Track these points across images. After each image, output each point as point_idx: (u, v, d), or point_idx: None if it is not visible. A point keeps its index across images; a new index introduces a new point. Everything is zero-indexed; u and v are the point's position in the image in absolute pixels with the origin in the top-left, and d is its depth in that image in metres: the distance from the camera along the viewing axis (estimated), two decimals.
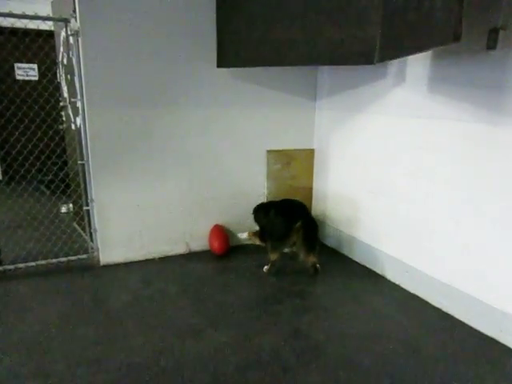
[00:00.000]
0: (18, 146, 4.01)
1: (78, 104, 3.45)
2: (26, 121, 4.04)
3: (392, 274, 3.43)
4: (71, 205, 5.00)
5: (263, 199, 4.09)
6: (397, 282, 3.37)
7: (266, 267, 3.54)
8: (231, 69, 3.69)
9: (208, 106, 3.74)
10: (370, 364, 2.37)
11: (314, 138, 4.21)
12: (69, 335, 2.64)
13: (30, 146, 4.15)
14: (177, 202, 3.78)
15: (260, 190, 4.10)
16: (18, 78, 6.36)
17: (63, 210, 5.13)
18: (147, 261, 3.72)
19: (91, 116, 3.39)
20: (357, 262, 3.76)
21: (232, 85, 3.77)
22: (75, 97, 3.47)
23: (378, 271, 3.55)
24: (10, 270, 3.49)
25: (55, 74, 4.86)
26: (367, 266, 3.67)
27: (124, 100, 3.46)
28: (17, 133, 4.13)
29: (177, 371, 2.29)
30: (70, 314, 2.90)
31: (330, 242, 4.15)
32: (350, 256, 3.86)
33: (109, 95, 3.41)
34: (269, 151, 4.05)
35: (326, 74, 3.99)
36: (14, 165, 4.29)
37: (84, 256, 3.66)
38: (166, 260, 3.75)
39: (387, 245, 3.46)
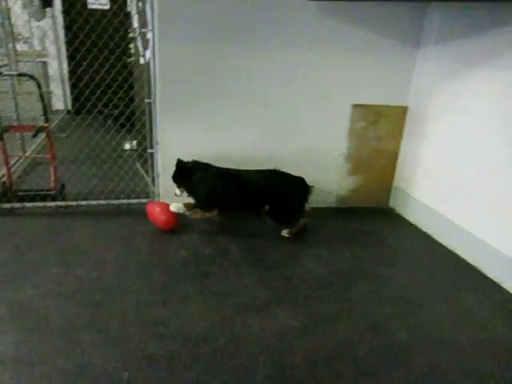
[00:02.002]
0: (85, 77, 3.78)
1: (149, 35, 3.11)
2: (94, 51, 3.79)
3: (491, 270, 2.82)
4: (134, 142, 4.83)
5: (341, 160, 3.64)
6: (498, 282, 2.75)
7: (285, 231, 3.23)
8: (324, 2, 3.13)
9: (291, 48, 3.25)
10: None
11: (410, 93, 3.59)
12: (124, 289, 2.47)
13: (96, 79, 3.92)
14: (246, 154, 3.42)
15: (339, 150, 3.64)
16: (90, 6, 6.11)
17: (126, 146, 4.98)
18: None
19: (162, 50, 3.04)
20: (446, 248, 3.20)
21: (321, 24, 3.22)
22: (146, 27, 3.13)
23: (473, 263, 2.96)
24: (71, 206, 3.39)
25: (126, 1, 4.54)
26: (459, 254, 3.08)
27: (199, 34, 3.07)
28: (84, 63, 3.91)
29: (236, 353, 2.03)
30: (127, 264, 2.73)
31: (413, 218, 3.62)
32: (439, 239, 3.30)
33: (183, 27, 3.03)
34: (354, 105, 3.53)
35: (437, 14, 3.26)
36: (81, 98, 4.11)
37: (145, 201, 3.47)
38: (228, 215, 3.47)
39: (491, 233, 2.83)
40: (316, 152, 3.58)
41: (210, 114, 3.27)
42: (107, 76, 3.91)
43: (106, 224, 3.21)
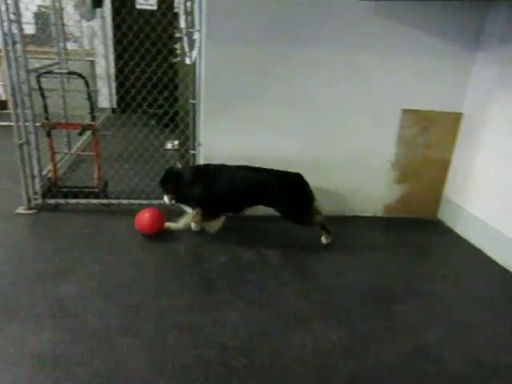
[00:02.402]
0: (131, 76, 3.81)
1: (196, 36, 3.07)
2: (141, 50, 3.81)
3: None
4: (176, 142, 4.84)
5: (388, 167, 3.48)
6: None
7: None
8: (378, 2, 2.99)
9: (339, 49, 3.12)
10: None
11: (466, 99, 3.39)
12: (162, 292, 2.43)
13: (142, 78, 3.95)
14: (290, 158, 3.32)
15: (386, 157, 3.47)
16: (138, 6, 6.19)
17: (168, 146, 4.99)
18: (250, 217, 3.37)
19: (209, 50, 3.00)
20: (500, 265, 2.95)
21: (372, 25, 3.08)
22: (193, 27, 3.09)
23: None
24: (113, 204, 3.41)
25: (173, 2, 4.57)
26: None
27: (245, 36, 3.00)
28: (131, 63, 3.94)
29: (274, 368, 1.94)
30: (166, 266, 2.70)
31: (464, 232, 3.40)
32: (492, 255, 3.06)
33: (230, 29, 2.97)
34: (404, 110, 3.36)
35: (501, 15, 3.04)
36: (127, 97, 4.15)
37: None
38: (268, 219, 3.38)
39: None
40: (362, 158, 3.44)
41: (253, 116, 3.20)
42: (153, 75, 3.93)
43: None
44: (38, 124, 3.19)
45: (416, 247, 3.19)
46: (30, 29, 4.80)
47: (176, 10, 4.51)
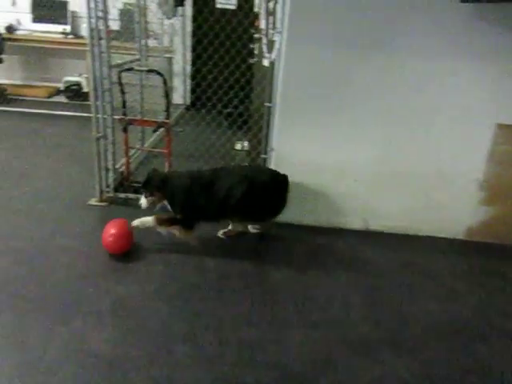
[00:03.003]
0: (207, 75, 3.80)
1: (276, 37, 2.96)
2: (220, 50, 3.80)
3: None
4: (246, 143, 4.78)
5: (474, 186, 3.16)
6: None
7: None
8: (481, 4, 2.70)
9: (427, 55, 2.87)
10: None
11: None
12: (223, 302, 2.36)
13: (218, 77, 3.93)
14: (365, 170, 3.12)
15: (473, 175, 3.15)
16: (218, 5, 6.22)
17: (237, 146, 4.94)
18: (317, 228, 3.22)
19: (288, 53, 2.87)
20: None
21: (471, 29, 2.80)
22: (274, 28, 2.99)
23: None
24: None
25: (253, 2, 4.51)
26: None
27: (329, 39, 2.86)
28: (208, 61, 3.94)
29: None
30: (229, 274, 2.61)
31: None
32: None
33: (313, 31, 2.84)
34: (499, 125, 3.02)
35: None
36: (203, 97, 4.15)
37: None
38: (337, 233, 3.21)
39: None
40: (445, 175, 3.15)
41: (330, 124, 3.03)
42: (229, 75, 3.90)
43: (211, 227, 3.15)
44: (116, 117, 3.25)
45: (503, 279, 2.85)
46: (113, 25, 4.96)
47: (256, 10, 4.45)
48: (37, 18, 6.21)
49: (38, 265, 2.55)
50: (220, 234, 3.02)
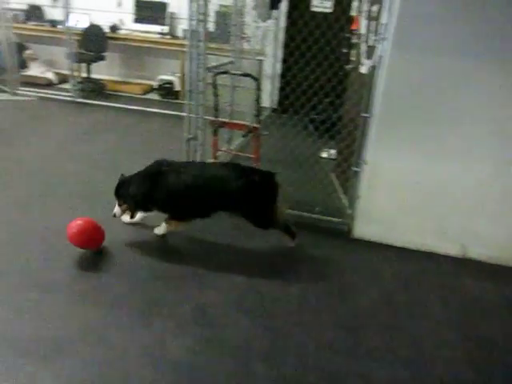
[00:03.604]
0: (297, 78, 3.71)
1: (377, 43, 2.78)
2: (311, 54, 3.69)
3: None
4: (332, 151, 4.62)
5: None
6: None
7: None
8: None
9: None
10: None
11: None
12: (305, 321, 2.24)
13: (307, 81, 3.82)
14: (469, 190, 2.82)
15: None
16: (313, 8, 6.09)
17: (323, 154, 4.79)
18: (406, 251, 2.98)
19: (393, 61, 2.67)
20: None
21: None
22: (376, 34, 2.81)
23: None
24: None
25: (349, 5, 4.34)
26: None
27: (442, 47, 2.62)
28: (301, 67, 3.85)
29: None
30: (311, 291, 2.48)
31: None
32: None
33: (424, 38, 2.62)
34: None
35: None
36: (289, 98, 4.06)
37: (337, 220, 3.19)
38: (430, 257, 2.94)
39: None
40: None
41: (433, 139, 2.78)
42: (319, 80, 3.77)
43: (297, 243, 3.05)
44: (208, 118, 3.27)
45: None
46: (209, 27, 5.04)
47: (353, 14, 4.28)
48: (138, 19, 6.52)
49: (121, 261, 2.61)
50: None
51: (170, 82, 6.45)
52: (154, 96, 6.65)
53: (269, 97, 6.30)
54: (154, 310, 2.22)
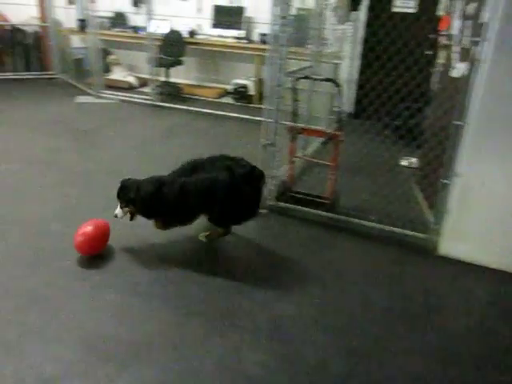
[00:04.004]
0: (374, 82, 3.54)
1: (474, 45, 2.54)
2: (391, 56, 3.51)
3: None
4: (413, 160, 4.35)
5: None
6: None
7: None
8: None
9: None
10: None
11: None
12: (390, 344, 2.08)
13: (386, 85, 3.64)
14: None
15: None
16: (395, 9, 5.82)
17: (403, 163, 4.53)
18: (505, 274, 2.69)
19: (495, 65, 2.43)
20: None
21: None
22: (472, 35, 2.58)
23: None
24: (342, 221, 3.16)
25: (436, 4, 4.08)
26: None
27: None
28: (379, 66, 3.67)
29: None
30: (395, 312, 2.32)
31: None
32: None
33: None
34: None
35: None
36: (365, 102, 3.89)
37: (421, 235, 2.96)
38: None
39: None
40: None
41: None
42: (400, 85, 3.57)
43: (375, 253, 2.87)
44: (286, 123, 3.19)
45: None
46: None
47: (440, 14, 4.01)
48: (215, 24, 6.62)
49: (199, 269, 2.60)
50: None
51: (244, 86, 6.47)
52: (228, 100, 6.71)
53: (345, 101, 6.10)
54: (228, 320, 2.18)
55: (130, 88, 6.96)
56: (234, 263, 2.67)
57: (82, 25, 6.55)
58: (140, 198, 2.59)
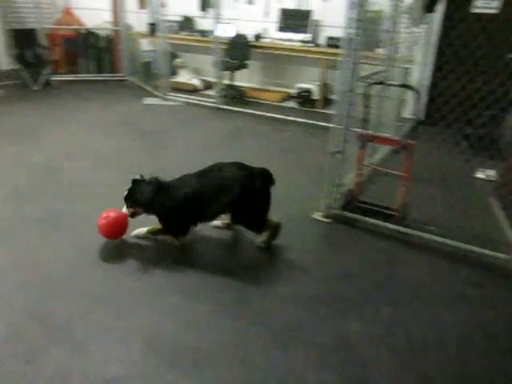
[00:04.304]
0: (449, 88, 3.32)
1: None
2: (469, 60, 3.27)
3: None
4: (491, 172, 4.05)
5: None
6: None
7: None
8: None
9: None
10: None
11: None
12: (478, 373, 1.90)
13: (462, 91, 3.40)
14: None
15: None
16: (475, 10, 5.47)
17: (479, 175, 4.23)
18: None
19: None
20: None
21: None
22: None
23: None
24: (411, 235, 2.97)
25: None
26: None
27: None
28: (456, 71, 3.44)
29: None
30: (478, 337, 2.12)
31: None
32: None
33: None
34: None
35: None
36: (442, 108, 3.66)
37: (502, 256, 2.72)
38: None
39: None
40: None
41: None
42: (479, 89, 3.33)
43: (449, 272, 2.67)
44: (355, 130, 3.06)
45: None
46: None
47: None
48: (281, 27, 6.57)
49: (261, 278, 2.54)
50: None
51: (308, 91, 6.37)
52: (291, 104, 6.63)
53: (413, 107, 5.84)
54: (292, 334, 2.09)
55: (194, 90, 7.08)
56: (295, 273, 2.58)
57: (152, 28, 6.75)
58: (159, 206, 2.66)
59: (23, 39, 6.86)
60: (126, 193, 2.70)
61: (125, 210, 2.73)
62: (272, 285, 2.46)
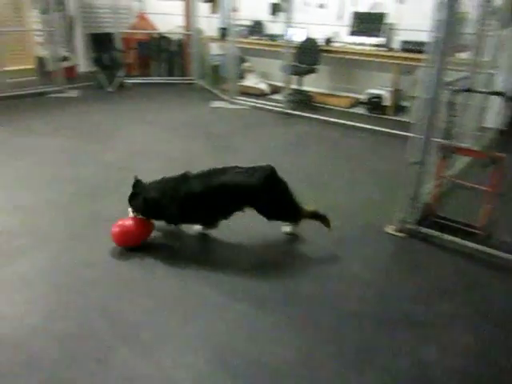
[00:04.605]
0: None
1: None
2: None
3: None
4: None
5: None
6: None
7: None
8: None
9: None
10: None
11: None
12: None
13: None
14: None
15: None
16: None
17: None
18: None
19: None
20: None
21: None
22: None
23: None
24: (496, 257, 2.70)
25: None
26: None
27: None
28: None
29: None
30: None
31: None
32: None
33: None
34: None
35: None
36: None
37: None
38: None
39: None
40: None
41: None
42: None
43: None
44: (437, 140, 2.86)
45: None
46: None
47: None
48: (354, 31, 6.39)
49: (326, 292, 2.42)
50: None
51: (379, 96, 6.13)
52: (360, 110, 6.42)
53: (496, 116, 5.43)
54: (365, 357, 1.96)
55: (261, 95, 7.07)
56: (367, 291, 2.43)
57: (223, 33, 6.83)
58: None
59: (101, 43, 7.21)
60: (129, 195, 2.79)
61: (131, 214, 2.77)
62: (341, 301, 2.33)
